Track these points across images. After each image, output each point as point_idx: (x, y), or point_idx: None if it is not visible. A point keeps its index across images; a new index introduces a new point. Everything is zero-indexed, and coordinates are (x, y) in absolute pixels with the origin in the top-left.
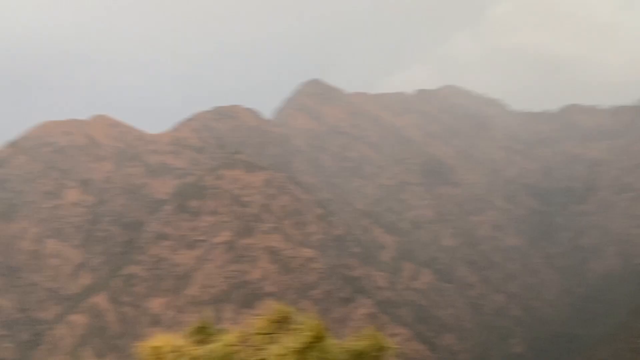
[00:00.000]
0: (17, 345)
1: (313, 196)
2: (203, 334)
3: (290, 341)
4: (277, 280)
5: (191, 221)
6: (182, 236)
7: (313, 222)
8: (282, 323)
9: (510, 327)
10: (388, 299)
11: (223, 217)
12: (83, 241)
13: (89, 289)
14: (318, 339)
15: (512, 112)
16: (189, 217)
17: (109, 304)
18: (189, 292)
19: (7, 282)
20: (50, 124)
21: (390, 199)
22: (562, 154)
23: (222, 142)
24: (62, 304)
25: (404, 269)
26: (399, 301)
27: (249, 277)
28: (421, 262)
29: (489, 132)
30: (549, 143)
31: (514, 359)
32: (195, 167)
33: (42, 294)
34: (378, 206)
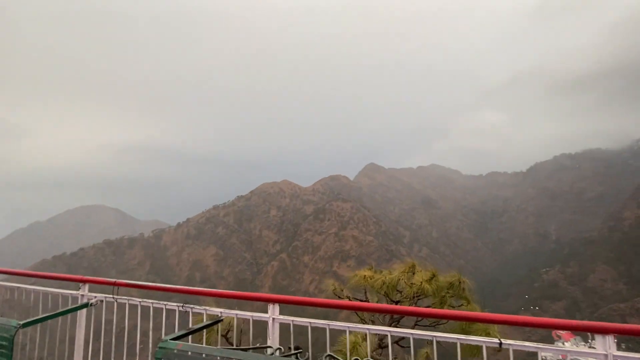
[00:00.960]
0: None
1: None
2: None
3: (422, 275)
4: None
5: (319, 222)
6: (316, 228)
7: None
8: (413, 268)
9: None
10: None
11: (332, 223)
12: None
13: None
14: (434, 275)
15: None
16: (319, 222)
17: None
18: None
19: None
20: (268, 184)
21: None
22: None
23: (332, 190)
24: None
25: None
26: None
27: None
28: None
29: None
30: None
31: None
32: (319, 200)
33: None
34: None
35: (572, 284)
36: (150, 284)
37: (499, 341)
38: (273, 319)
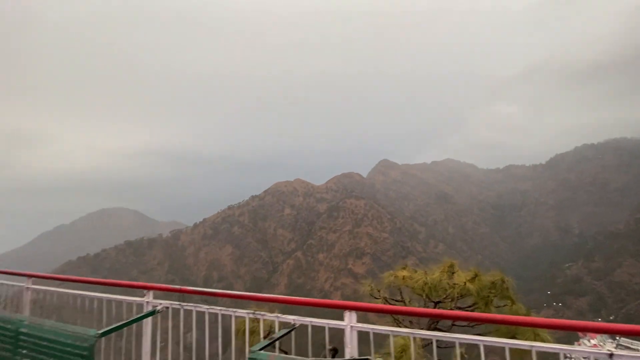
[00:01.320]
0: None
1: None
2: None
3: (464, 275)
4: None
5: (333, 220)
6: (330, 226)
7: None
8: (452, 267)
9: None
10: None
11: (346, 221)
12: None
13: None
14: (476, 274)
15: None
16: (333, 219)
17: None
18: None
19: None
20: (281, 183)
21: None
22: None
23: (346, 188)
24: None
25: None
26: None
27: None
28: None
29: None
30: None
31: None
32: (332, 198)
33: None
34: None
35: (597, 279)
36: (217, 290)
37: (609, 352)
38: (351, 327)
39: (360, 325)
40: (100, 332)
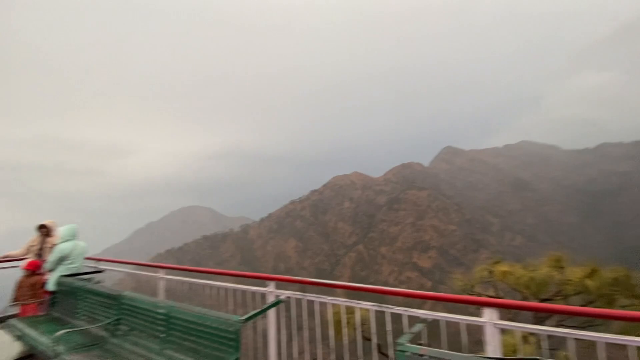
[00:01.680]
0: None
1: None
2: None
3: (580, 270)
4: None
5: (394, 213)
6: (392, 219)
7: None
8: (560, 262)
9: None
10: None
11: (409, 213)
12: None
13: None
14: (594, 270)
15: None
16: (394, 212)
17: None
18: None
19: None
20: (339, 177)
21: None
22: None
23: (406, 179)
24: None
25: None
26: None
27: None
28: None
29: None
30: None
31: None
32: (392, 190)
33: None
34: None
35: None
36: (337, 282)
37: None
38: (494, 324)
39: (503, 322)
40: (244, 318)
